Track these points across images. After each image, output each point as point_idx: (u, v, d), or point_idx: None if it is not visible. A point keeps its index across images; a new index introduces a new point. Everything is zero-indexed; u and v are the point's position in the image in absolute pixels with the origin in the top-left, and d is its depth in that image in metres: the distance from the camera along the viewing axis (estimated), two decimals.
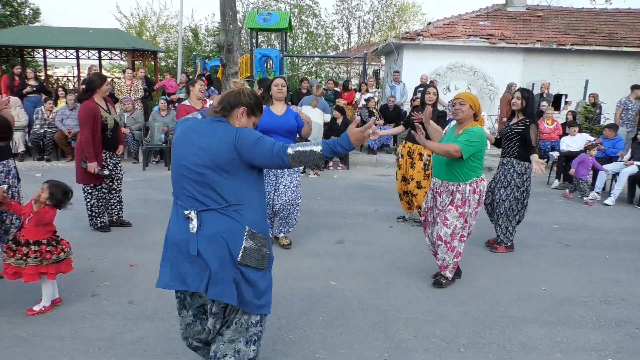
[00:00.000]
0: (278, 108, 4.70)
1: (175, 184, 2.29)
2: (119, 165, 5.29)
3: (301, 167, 4.77)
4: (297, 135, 4.80)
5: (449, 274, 4.00)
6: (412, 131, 3.94)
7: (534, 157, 4.59)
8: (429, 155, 5.34)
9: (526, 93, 4.82)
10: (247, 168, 2.22)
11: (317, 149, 2.19)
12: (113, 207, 5.32)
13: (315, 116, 8.44)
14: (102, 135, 4.95)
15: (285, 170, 4.63)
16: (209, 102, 6.37)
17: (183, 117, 2.46)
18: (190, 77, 12.52)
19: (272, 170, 4.62)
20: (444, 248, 3.92)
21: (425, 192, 5.46)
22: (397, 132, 5.63)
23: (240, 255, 2.20)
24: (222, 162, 2.17)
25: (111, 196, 5.27)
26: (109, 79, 5.11)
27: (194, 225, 2.19)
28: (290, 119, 4.67)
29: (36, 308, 3.40)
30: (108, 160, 5.10)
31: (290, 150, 2.18)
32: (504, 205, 4.88)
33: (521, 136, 4.73)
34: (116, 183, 5.27)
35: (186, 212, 2.20)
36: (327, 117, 8.88)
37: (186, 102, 5.60)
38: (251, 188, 2.25)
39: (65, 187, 3.48)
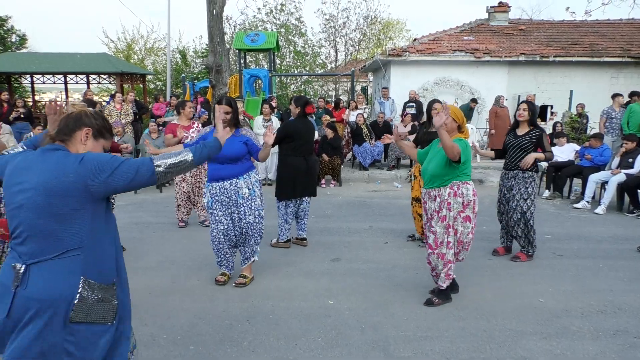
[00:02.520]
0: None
1: (11, 229, 1.96)
2: None
3: (258, 191, 4.32)
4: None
5: (441, 284, 3.96)
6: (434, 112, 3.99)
7: (549, 154, 4.96)
8: None
9: (531, 105, 5.08)
10: (89, 204, 1.89)
11: (188, 157, 2.10)
12: None
13: None
14: None
15: (233, 197, 4.19)
16: (197, 123, 6.41)
17: (13, 152, 2.11)
18: (180, 98, 12.55)
19: (225, 201, 4.21)
20: (434, 256, 3.93)
21: None
22: (410, 153, 4.60)
23: (72, 311, 1.84)
24: (56, 201, 1.83)
25: None
26: (99, 105, 5.13)
27: (15, 283, 1.83)
28: (235, 144, 4.16)
29: None
30: None
31: (159, 168, 1.99)
32: (525, 216, 4.99)
33: (535, 146, 4.96)
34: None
35: (14, 265, 1.86)
36: (314, 135, 8.77)
37: (175, 121, 5.69)
38: (94, 229, 1.92)
39: None
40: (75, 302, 1.84)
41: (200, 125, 6.41)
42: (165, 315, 3.75)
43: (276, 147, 5.35)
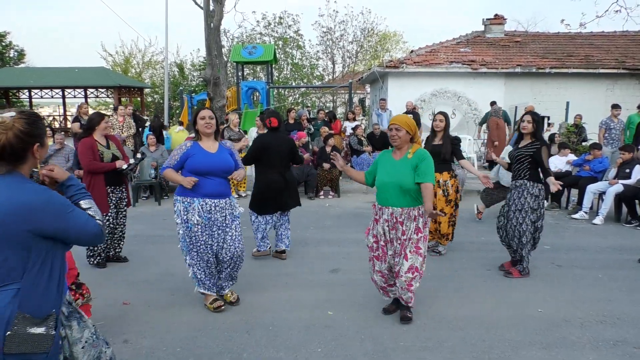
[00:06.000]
0: (209, 144, 3.93)
1: None
2: (124, 200, 5.37)
3: (240, 211, 4.06)
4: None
5: (412, 305, 3.84)
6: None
7: (551, 179, 4.68)
8: (445, 181, 5.37)
9: (536, 117, 4.92)
10: (42, 239, 1.86)
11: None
12: (116, 241, 5.40)
13: None
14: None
15: (228, 217, 3.93)
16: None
17: None
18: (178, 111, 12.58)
19: (218, 221, 3.89)
20: (418, 278, 3.75)
21: (448, 219, 5.43)
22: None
23: (4, 343, 1.77)
24: (13, 233, 1.80)
25: (116, 230, 5.33)
26: (107, 117, 5.25)
27: None
28: (226, 157, 3.94)
29: None
30: (111, 194, 5.15)
31: (100, 222, 2.00)
32: (519, 230, 4.81)
33: (532, 158, 4.77)
34: (121, 216, 5.36)
35: None
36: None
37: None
38: (39, 262, 1.86)
39: None
40: (8, 333, 1.78)
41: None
42: (165, 328, 3.74)
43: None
